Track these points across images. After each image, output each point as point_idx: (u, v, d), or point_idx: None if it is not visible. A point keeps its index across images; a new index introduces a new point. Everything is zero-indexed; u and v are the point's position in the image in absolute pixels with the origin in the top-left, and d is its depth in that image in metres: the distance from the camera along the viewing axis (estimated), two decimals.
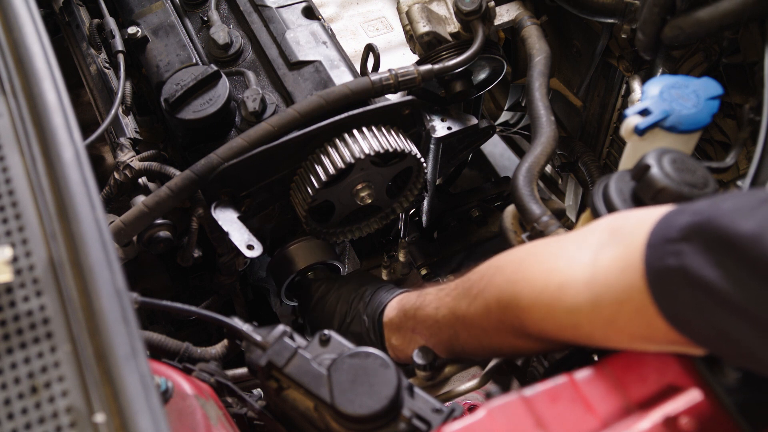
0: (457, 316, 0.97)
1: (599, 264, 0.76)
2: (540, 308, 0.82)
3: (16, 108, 0.76)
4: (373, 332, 1.17)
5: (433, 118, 1.39)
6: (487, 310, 0.90)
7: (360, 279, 1.30)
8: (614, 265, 0.73)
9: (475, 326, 0.94)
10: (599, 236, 0.79)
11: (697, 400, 0.72)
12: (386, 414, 0.77)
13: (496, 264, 0.93)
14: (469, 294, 0.94)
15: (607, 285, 0.74)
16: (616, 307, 0.73)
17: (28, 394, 0.63)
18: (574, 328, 0.79)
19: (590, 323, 0.77)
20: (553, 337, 0.83)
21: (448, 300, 1.00)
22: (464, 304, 0.95)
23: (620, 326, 0.74)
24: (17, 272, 0.67)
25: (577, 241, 0.82)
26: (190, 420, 0.82)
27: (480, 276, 0.94)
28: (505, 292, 0.87)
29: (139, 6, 1.45)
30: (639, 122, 0.99)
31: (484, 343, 0.95)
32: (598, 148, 1.69)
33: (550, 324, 0.82)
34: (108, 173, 1.28)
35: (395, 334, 1.13)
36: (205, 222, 1.22)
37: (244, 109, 1.25)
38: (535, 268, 0.84)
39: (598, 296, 0.75)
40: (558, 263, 0.82)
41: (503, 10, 1.44)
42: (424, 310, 1.05)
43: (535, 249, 0.89)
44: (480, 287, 0.92)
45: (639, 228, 0.72)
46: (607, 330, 0.76)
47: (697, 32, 1.12)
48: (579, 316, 0.77)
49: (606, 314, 0.74)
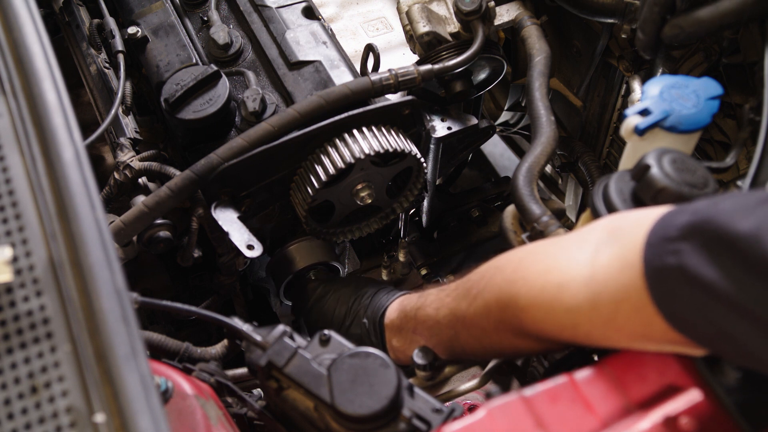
0: (457, 317, 0.97)
1: (598, 263, 0.76)
2: (539, 308, 0.82)
3: (16, 108, 0.76)
4: (373, 334, 1.17)
5: (433, 118, 1.39)
6: (487, 310, 0.90)
7: (359, 282, 1.30)
8: (613, 264, 0.74)
9: (475, 326, 0.94)
10: (598, 236, 0.79)
11: (697, 400, 0.72)
12: (386, 414, 0.77)
13: (496, 264, 0.93)
14: (469, 294, 0.94)
15: (605, 284, 0.74)
16: (614, 306, 0.73)
17: (28, 394, 0.63)
18: (573, 327, 0.79)
19: (589, 322, 0.77)
20: (553, 337, 0.83)
21: (449, 300, 1.00)
22: (464, 305, 0.95)
23: (619, 325, 0.74)
24: (17, 272, 0.67)
25: (577, 241, 0.82)
26: (190, 420, 0.82)
27: (480, 276, 0.94)
28: (505, 292, 0.87)
29: (139, 6, 1.45)
30: (639, 122, 0.99)
31: (484, 343, 0.95)
32: (598, 148, 1.69)
33: (550, 324, 0.82)
34: (108, 173, 1.28)
35: (396, 335, 1.14)
36: (205, 222, 1.22)
37: (244, 109, 1.25)
38: (535, 268, 0.84)
39: (596, 295, 0.75)
40: (557, 263, 0.82)
41: (503, 10, 1.44)
42: (425, 311, 1.05)
43: (535, 249, 0.90)
44: (480, 288, 0.92)
45: (638, 227, 0.72)
46: (606, 329, 0.76)
47: (697, 31, 1.12)
48: (578, 316, 0.77)
49: (604, 313, 0.74)
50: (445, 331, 1.00)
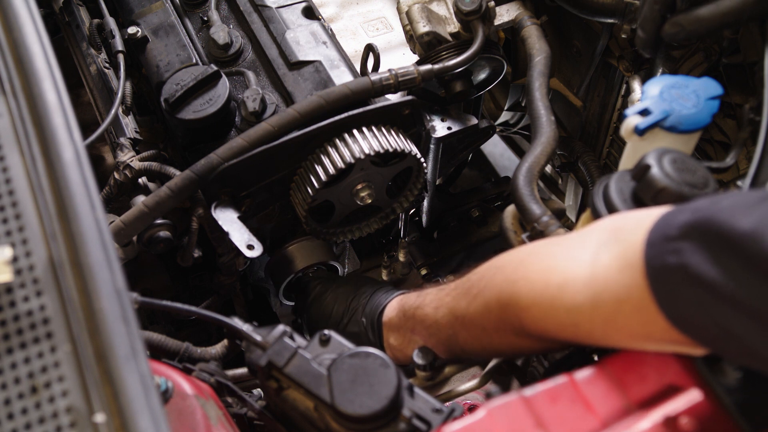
0: (456, 316, 0.97)
1: (599, 263, 0.76)
2: (540, 307, 0.82)
3: (16, 108, 0.76)
4: (371, 332, 1.17)
5: (433, 118, 1.39)
6: (487, 309, 0.90)
7: (358, 280, 1.30)
8: (614, 263, 0.74)
9: (475, 326, 0.94)
10: (599, 236, 0.79)
11: (697, 400, 0.72)
12: (386, 414, 0.77)
13: (497, 264, 0.93)
14: (469, 294, 0.95)
15: (606, 284, 0.74)
16: (615, 306, 0.73)
17: (28, 394, 0.63)
18: (574, 326, 0.79)
19: (590, 322, 0.77)
20: (554, 336, 0.83)
21: (448, 300, 1.00)
22: (464, 304, 0.95)
23: (620, 325, 0.74)
24: (17, 272, 0.67)
25: (578, 241, 0.82)
26: (190, 420, 0.82)
27: (480, 276, 0.94)
28: (505, 291, 0.87)
29: (139, 6, 1.45)
30: (639, 122, 0.99)
31: (484, 342, 0.95)
32: (598, 148, 1.69)
33: (551, 323, 0.82)
34: (108, 173, 1.28)
35: (394, 334, 1.13)
36: (205, 222, 1.22)
37: (244, 109, 1.25)
38: (536, 267, 0.85)
39: (597, 295, 0.75)
40: (558, 263, 0.82)
41: (503, 10, 1.44)
42: (423, 310, 1.05)
43: (536, 249, 0.90)
44: (480, 287, 0.92)
45: (639, 227, 0.72)
46: (607, 329, 0.76)
47: (698, 30, 1.12)
48: (579, 315, 0.77)
49: (606, 313, 0.75)
50: (444, 331, 1.00)
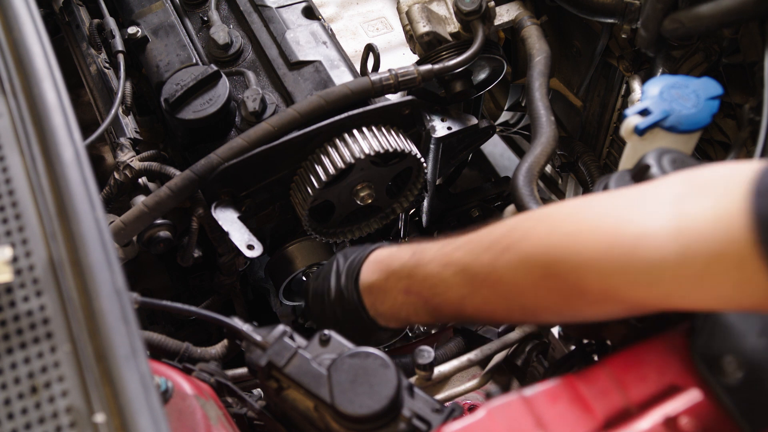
0: (474, 274, 0.86)
1: (686, 215, 0.69)
2: (608, 262, 0.73)
3: (16, 108, 0.76)
4: (355, 296, 1.03)
5: (433, 118, 1.39)
6: (525, 264, 0.81)
7: (334, 255, 1.14)
8: (709, 214, 0.67)
9: (503, 283, 0.83)
10: (676, 189, 0.72)
11: (697, 400, 0.72)
12: (386, 414, 0.77)
13: (534, 216, 0.84)
14: (494, 248, 0.84)
15: (697, 237, 0.67)
16: (707, 261, 0.67)
17: (28, 394, 0.63)
18: (649, 286, 0.72)
19: (674, 279, 0.70)
20: (618, 297, 0.75)
21: (459, 255, 0.88)
22: (486, 259, 0.85)
23: (708, 284, 0.68)
24: (17, 272, 0.67)
25: (648, 194, 0.75)
26: (190, 420, 0.82)
27: (509, 228, 0.84)
28: (555, 244, 0.78)
29: (139, 6, 1.45)
30: (639, 122, 0.99)
31: (512, 303, 0.85)
32: (598, 148, 1.69)
33: (619, 281, 0.74)
34: (108, 173, 1.28)
35: (380, 297, 1.00)
36: (205, 222, 1.22)
37: (244, 109, 1.25)
38: (601, 220, 0.76)
39: (686, 248, 0.68)
40: (630, 215, 0.74)
41: (503, 10, 1.44)
42: (425, 269, 0.93)
43: (591, 202, 0.80)
44: (511, 239, 0.83)
45: (733, 179, 0.67)
46: (692, 288, 0.70)
47: (697, 27, 1.12)
48: (660, 272, 0.70)
49: (694, 269, 0.68)
50: (456, 290, 0.89)
